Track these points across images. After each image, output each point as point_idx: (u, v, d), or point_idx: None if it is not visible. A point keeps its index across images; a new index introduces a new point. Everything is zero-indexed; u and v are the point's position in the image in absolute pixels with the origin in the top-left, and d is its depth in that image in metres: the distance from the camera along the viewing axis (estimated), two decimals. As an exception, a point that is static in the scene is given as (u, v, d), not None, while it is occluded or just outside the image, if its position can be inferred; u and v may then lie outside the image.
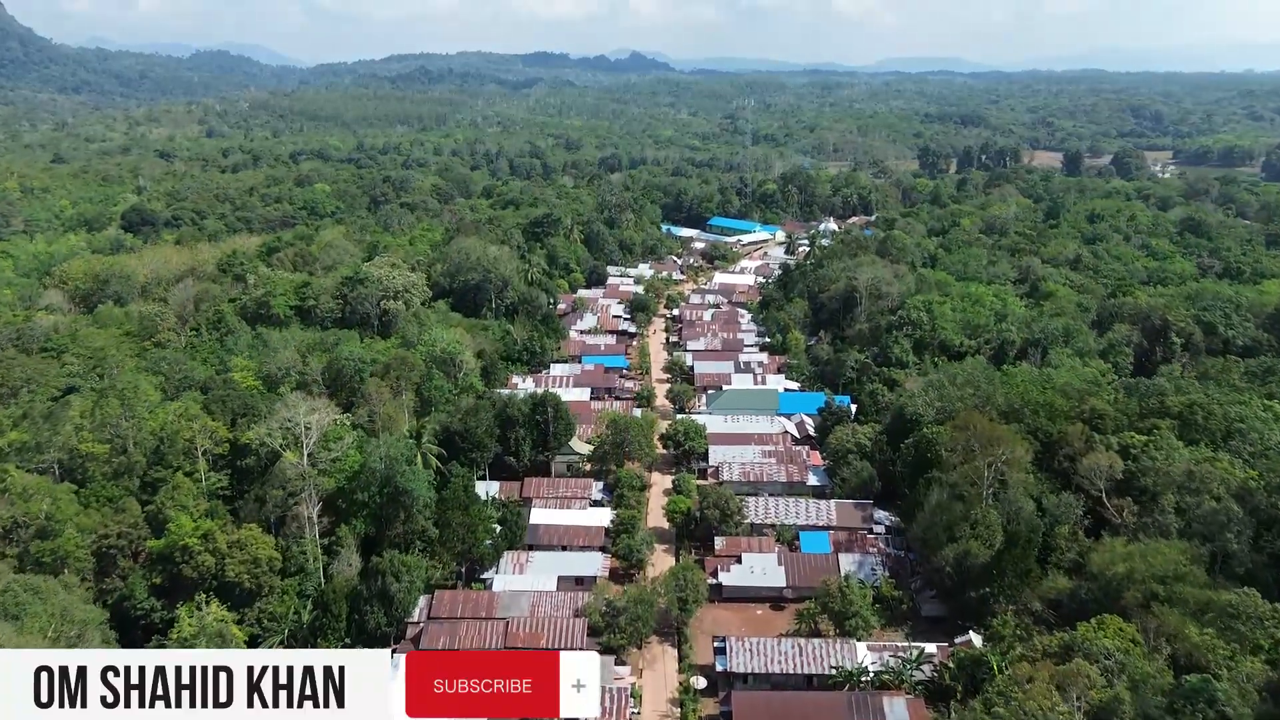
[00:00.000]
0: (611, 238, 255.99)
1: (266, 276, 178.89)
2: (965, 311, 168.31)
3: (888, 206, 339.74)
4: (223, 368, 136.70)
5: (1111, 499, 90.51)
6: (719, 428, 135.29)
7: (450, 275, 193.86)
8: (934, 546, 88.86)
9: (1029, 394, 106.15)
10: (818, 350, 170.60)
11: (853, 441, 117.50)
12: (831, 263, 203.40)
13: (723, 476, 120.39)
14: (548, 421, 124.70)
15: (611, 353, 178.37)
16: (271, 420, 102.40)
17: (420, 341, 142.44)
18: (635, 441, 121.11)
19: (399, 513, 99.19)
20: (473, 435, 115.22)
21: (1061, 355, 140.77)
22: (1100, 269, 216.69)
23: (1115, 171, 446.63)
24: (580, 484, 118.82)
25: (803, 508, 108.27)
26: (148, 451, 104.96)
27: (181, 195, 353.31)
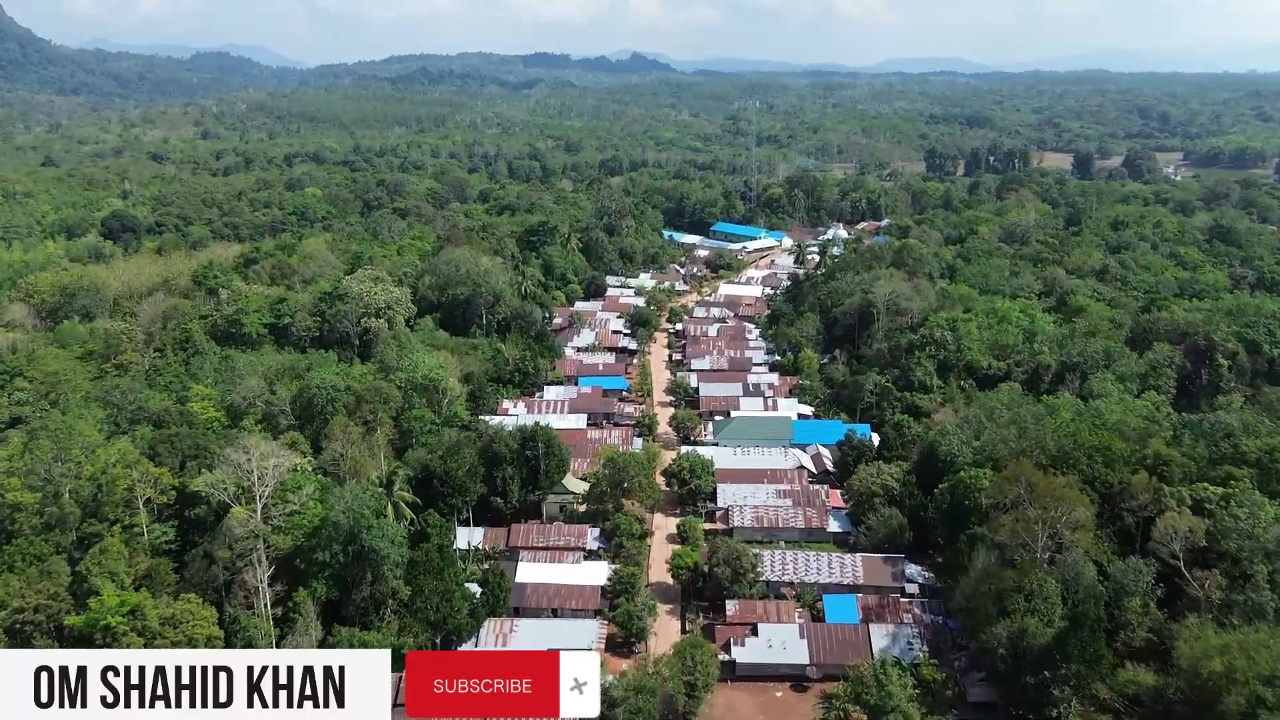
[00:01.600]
0: (611, 246, 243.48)
1: (240, 292, 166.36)
2: (992, 330, 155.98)
3: (898, 211, 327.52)
4: (183, 397, 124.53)
5: (1191, 568, 77.94)
6: (728, 462, 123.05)
7: (439, 289, 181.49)
8: (982, 620, 76.43)
9: (1081, 435, 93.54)
10: (832, 371, 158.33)
11: (878, 483, 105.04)
12: (845, 274, 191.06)
13: (733, 521, 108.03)
14: (538, 458, 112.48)
15: (610, 373, 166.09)
16: (224, 466, 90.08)
17: (400, 367, 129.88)
18: (635, 481, 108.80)
19: (366, 573, 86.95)
20: (453, 478, 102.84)
21: (1104, 382, 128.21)
22: (1129, 280, 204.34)
23: (1127, 174, 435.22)
24: (574, 531, 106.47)
25: (825, 563, 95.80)
26: (84, 501, 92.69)
27: (168, 200, 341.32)
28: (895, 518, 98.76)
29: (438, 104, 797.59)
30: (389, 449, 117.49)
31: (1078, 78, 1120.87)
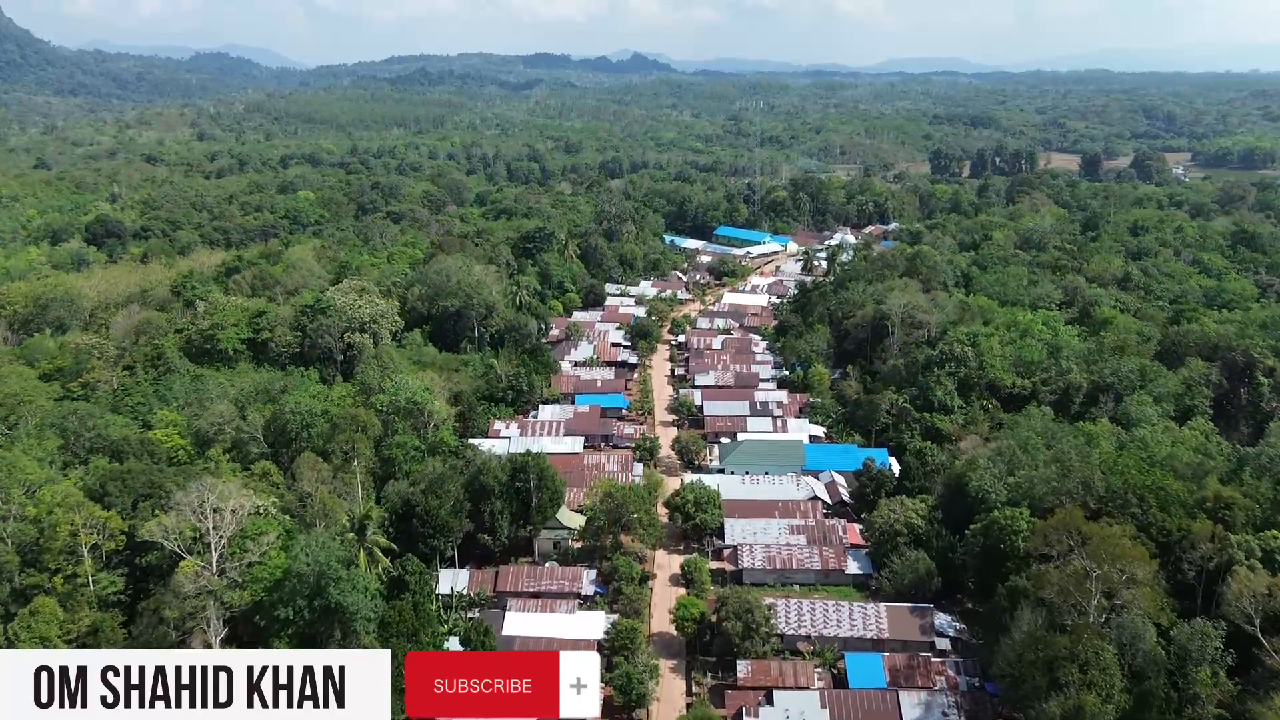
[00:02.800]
0: (611, 252, 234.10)
1: (218, 304, 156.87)
2: (1015, 345, 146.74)
3: (905, 215, 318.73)
4: (148, 422, 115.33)
5: (1268, 635, 68.71)
6: (735, 491, 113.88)
7: (429, 300, 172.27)
8: (1030, 691, 67.19)
9: (1131, 475, 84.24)
10: (845, 388, 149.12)
11: (902, 520, 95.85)
12: (856, 284, 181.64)
13: (742, 562, 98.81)
14: (530, 491, 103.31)
15: (609, 389, 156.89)
16: (181, 506, 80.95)
17: (382, 389, 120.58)
18: (636, 519, 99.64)
19: (334, 630, 77.85)
20: (434, 517, 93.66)
21: (1143, 405, 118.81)
22: (1152, 289, 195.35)
23: (1136, 175, 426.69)
24: (569, 574, 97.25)
25: (845, 614, 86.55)
26: (24, 547, 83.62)
27: (156, 204, 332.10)
28: (922, 562, 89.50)
29: (437, 105, 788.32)
30: (369, 480, 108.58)
31: (1079, 77, 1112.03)
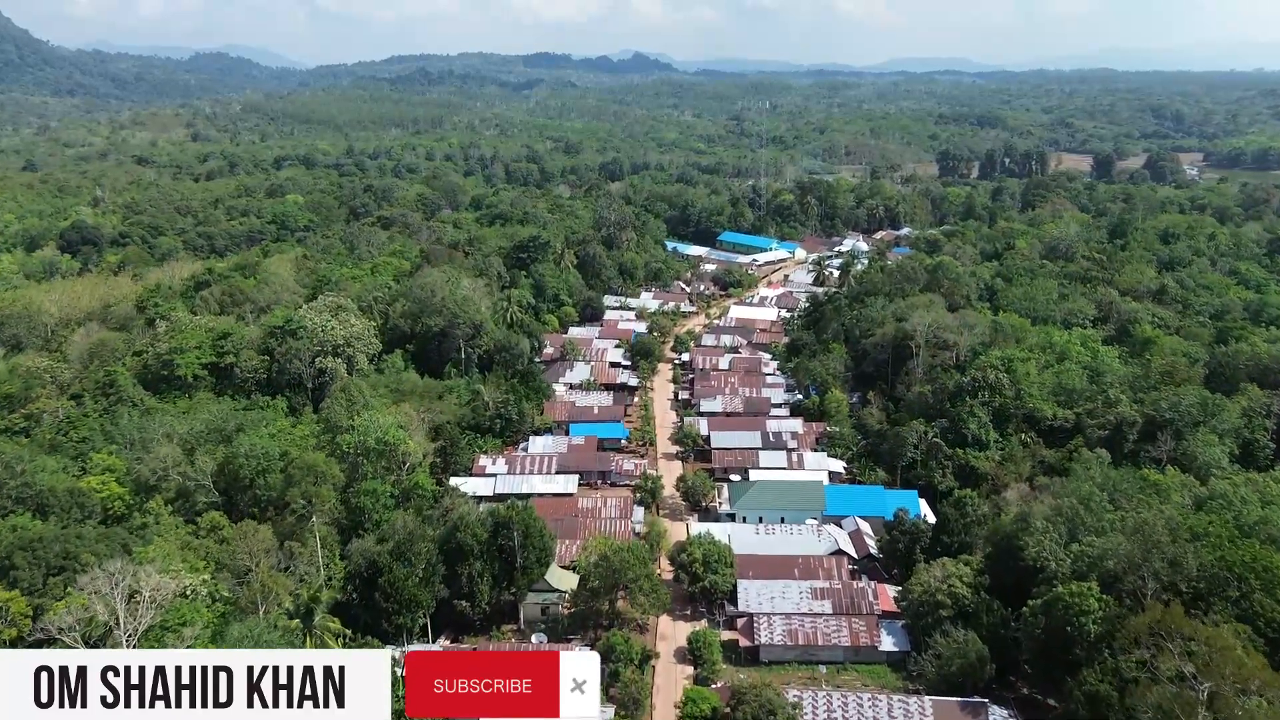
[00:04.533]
0: (610, 261, 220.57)
1: (180, 324, 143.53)
2: (1054, 370, 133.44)
3: (917, 220, 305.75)
4: (86, 466, 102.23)
5: None
6: (748, 543, 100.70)
7: (412, 317, 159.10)
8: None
9: (1225, 548, 70.88)
10: (865, 416, 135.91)
11: (945, 589, 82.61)
12: (874, 299, 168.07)
13: (759, 637, 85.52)
14: (514, 549, 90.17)
15: (607, 416, 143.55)
16: (88, 591, 67.76)
17: (351, 428, 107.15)
18: (634, 585, 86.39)
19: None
20: (400, 591, 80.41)
21: (1208, 445, 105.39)
22: (1190, 302, 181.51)
23: (1149, 176, 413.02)
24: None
25: (884, 710, 73.34)
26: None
27: (139, 208, 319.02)
28: (973, 644, 76.12)
29: (436, 105, 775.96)
30: (332, 533, 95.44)
31: (1083, 76, 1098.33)
